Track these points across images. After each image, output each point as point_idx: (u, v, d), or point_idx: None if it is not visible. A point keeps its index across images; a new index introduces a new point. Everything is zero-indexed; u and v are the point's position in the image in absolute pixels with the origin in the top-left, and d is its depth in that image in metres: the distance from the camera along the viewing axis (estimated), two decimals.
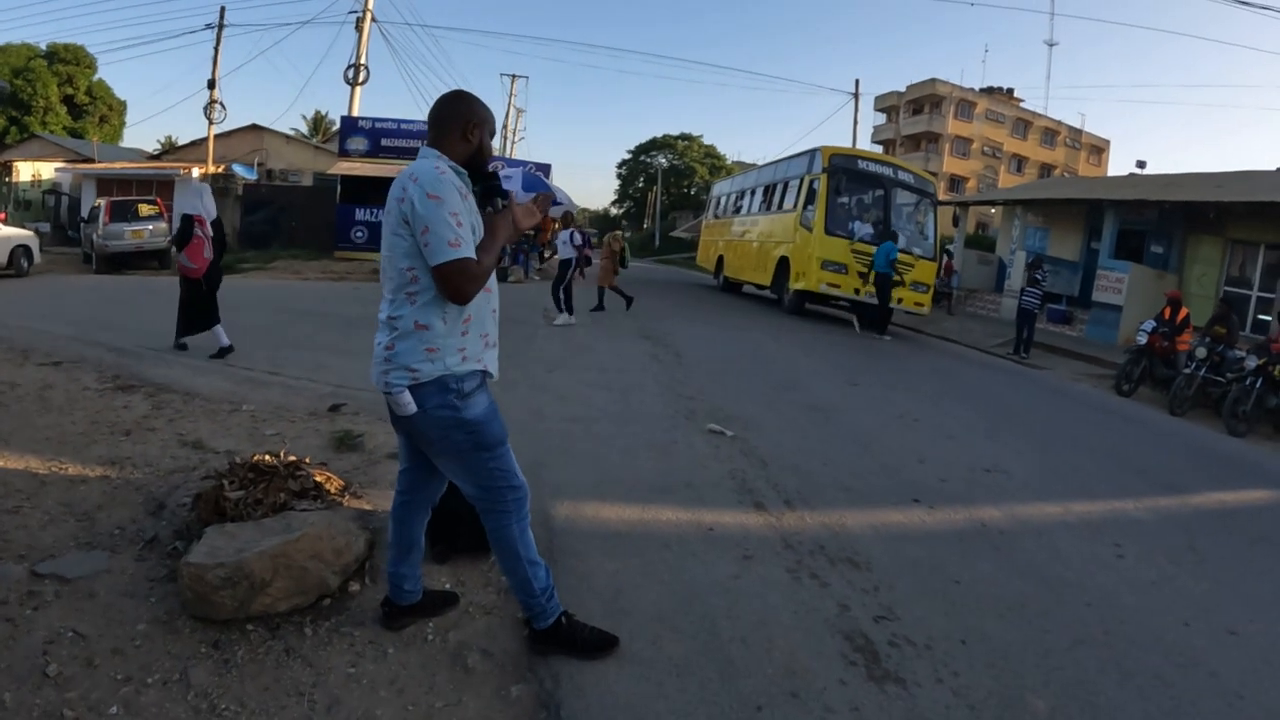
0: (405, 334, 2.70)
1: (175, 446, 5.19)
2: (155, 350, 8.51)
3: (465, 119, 2.84)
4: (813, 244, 16.32)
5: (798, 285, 16.96)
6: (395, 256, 2.70)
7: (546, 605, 3.05)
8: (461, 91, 2.97)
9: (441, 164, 2.72)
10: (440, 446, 2.84)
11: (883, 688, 3.16)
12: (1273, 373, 10.92)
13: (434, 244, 2.59)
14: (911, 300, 16.61)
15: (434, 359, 2.71)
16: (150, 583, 3.35)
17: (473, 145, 2.85)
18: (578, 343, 11.04)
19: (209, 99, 28.55)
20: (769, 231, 19.81)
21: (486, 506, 2.93)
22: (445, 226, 2.59)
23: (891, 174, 17.34)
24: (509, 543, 2.95)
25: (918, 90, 60.36)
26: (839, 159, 17.07)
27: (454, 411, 2.75)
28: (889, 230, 16.30)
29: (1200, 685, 3.53)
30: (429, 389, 2.71)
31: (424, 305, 2.70)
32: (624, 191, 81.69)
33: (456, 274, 2.61)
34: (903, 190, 17.42)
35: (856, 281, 16.08)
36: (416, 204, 2.61)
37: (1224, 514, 6.57)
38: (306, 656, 2.94)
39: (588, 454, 5.82)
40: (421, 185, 2.62)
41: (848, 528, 4.84)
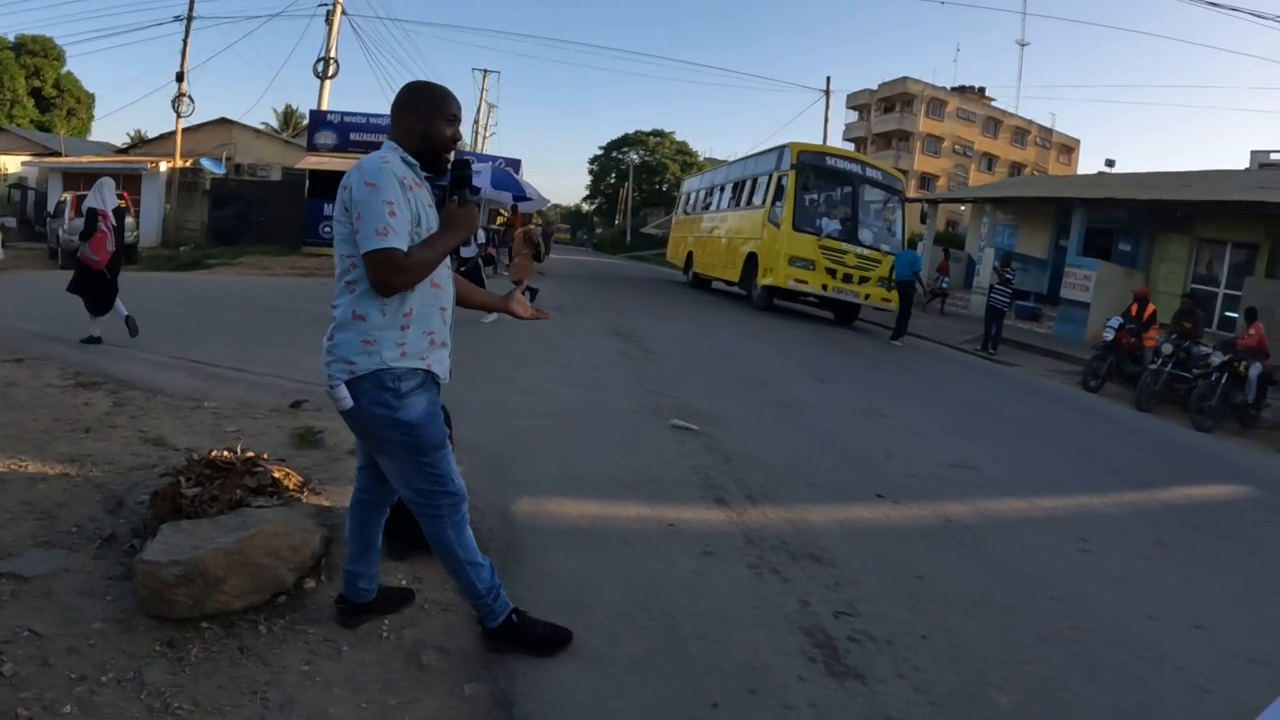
0: (344, 324, 2.67)
1: (136, 444, 5.12)
2: (119, 346, 8.42)
3: (415, 107, 2.80)
4: (781, 240, 16.32)
5: (766, 281, 16.96)
6: (338, 243, 2.68)
7: (494, 605, 3.00)
8: (415, 81, 2.93)
9: (389, 154, 2.69)
10: (376, 444, 2.81)
11: (842, 684, 3.15)
12: (1238, 368, 11.08)
13: (364, 231, 2.55)
14: (879, 296, 16.63)
15: (370, 351, 2.66)
16: (108, 581, 3.30)
17: (424, 129, 2.78)
18: (546, 339, 11.00)
19: (177, 92, 28.19)
20: (738, 228, 19.84)
21: (421, 510, 2.88)
22: (377, 215, 2.54)
23: (859, 171, 17.43)
24: (447, 546, 2.90)
25: (889, 88, 60.69)
26: (807, 156, 17.13)
27: (389, 410, 2.69)
28: (856, 225, 16.64)
29: (1166, 680, 3.56)
30: (365, 384, 2.66)
31: (362, 295, 2.66)
32: (596, 188, 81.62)
33: (380, 263, 2.55)
34: (870, 187, 17.51)
35: (824, 277, 16.07)
36: (354, 190, 2.58)
37: (1190, 509, 6.65)
38: (261, 655, 2.90)
39: (553, 450, 5.80)
40: (362, 173, 2.59)
41: (811, 523, 4.84)
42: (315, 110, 26.88)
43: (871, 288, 16.50)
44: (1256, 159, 31.66)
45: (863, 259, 16.40)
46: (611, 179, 77.56)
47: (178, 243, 27.67)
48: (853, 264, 16.25)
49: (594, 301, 15.65)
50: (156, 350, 8.35)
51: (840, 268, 16.12)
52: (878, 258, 16.50)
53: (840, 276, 16.14)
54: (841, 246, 16.14)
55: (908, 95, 59.35)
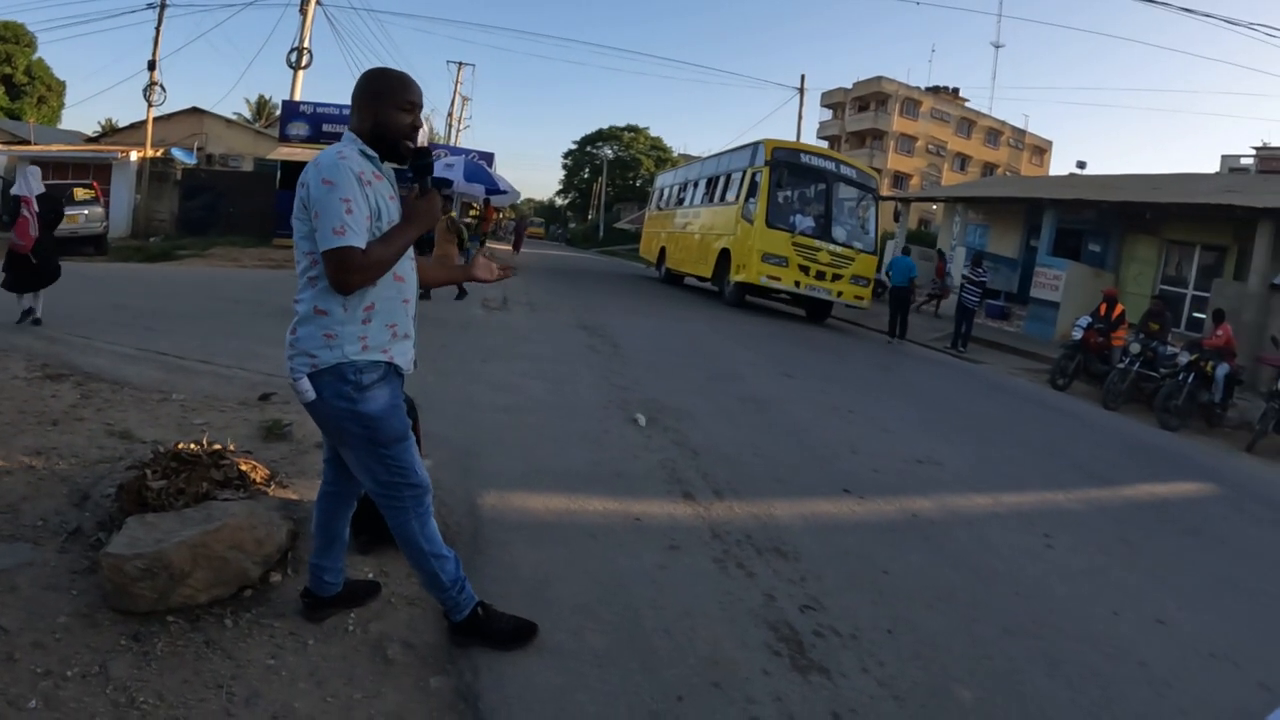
0: (306, 319, 2.66)
1: (103, 436, 5.07)
2: (85, 338, 8.32)
3: (370, 96, 2.75)
4: (754, 236, 16.28)
5: (738, 277, 16.90)
6: (298, 240, 2.66)
7: (458, 598, 3.00)
8: (371, 69, 2.87)
9: (346, 148, 2.67)
10: (338, 437, 2.80)
11: (807, 678, 3.18)
12: (1204, 368, 11.23)
13: (321, 229, 2.54)
14: (852, 294, 16.69)
15: (332, 345, 2.65)
16: (72, 575, 3.28)
17: (384, 125, 2.74)
18: (515, 333, 10.99)
19: (149, 81, 27.91)
20: (711, 224, 19.78)
21: (384, 503, 2.87)
22: (333, 213, 2.53)
23: (834, 168, 17.36)
24: (411, 538, 2.89)
25: (864, 88, 60.96)
26: (781, 152, 17.10)
27: (349, 403, 2.68)
28: (829, 223, 16.63)
29: (1129, 675, 3.61)
30: (326, 377, 2.66)
31: (323, 290, 2.64)
32: (569, 182, 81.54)
33: (337, 263, 2.54)
34: (845, 185, 17.47)
35: (797, 274, 16.05)
36: (312, 188, 2.57)
37: (1155, 506, 6.74)
38: (226, 649, 2.90)
39: (519, 443, 5.78)
40: (319, 169, 2.57)
41: (777, 518, 4.87)
42: (288, 101, 26.57)
43: (845, 285, 16.52)
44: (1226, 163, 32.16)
45: (836, 257, 16.35)
46: (585, 174, 77.54)
47: (147, 233, 27.34)
48: (826, 261, 16.18)
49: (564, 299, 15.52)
50: (124, 342, 8.25)
51: (814, 265, 16.08)
52: (851, 255, 16.51)
53: (813, 274, 16.11)
54: (815, 244, 16.12)
55: (882, 94, 59.61)
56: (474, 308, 13.18)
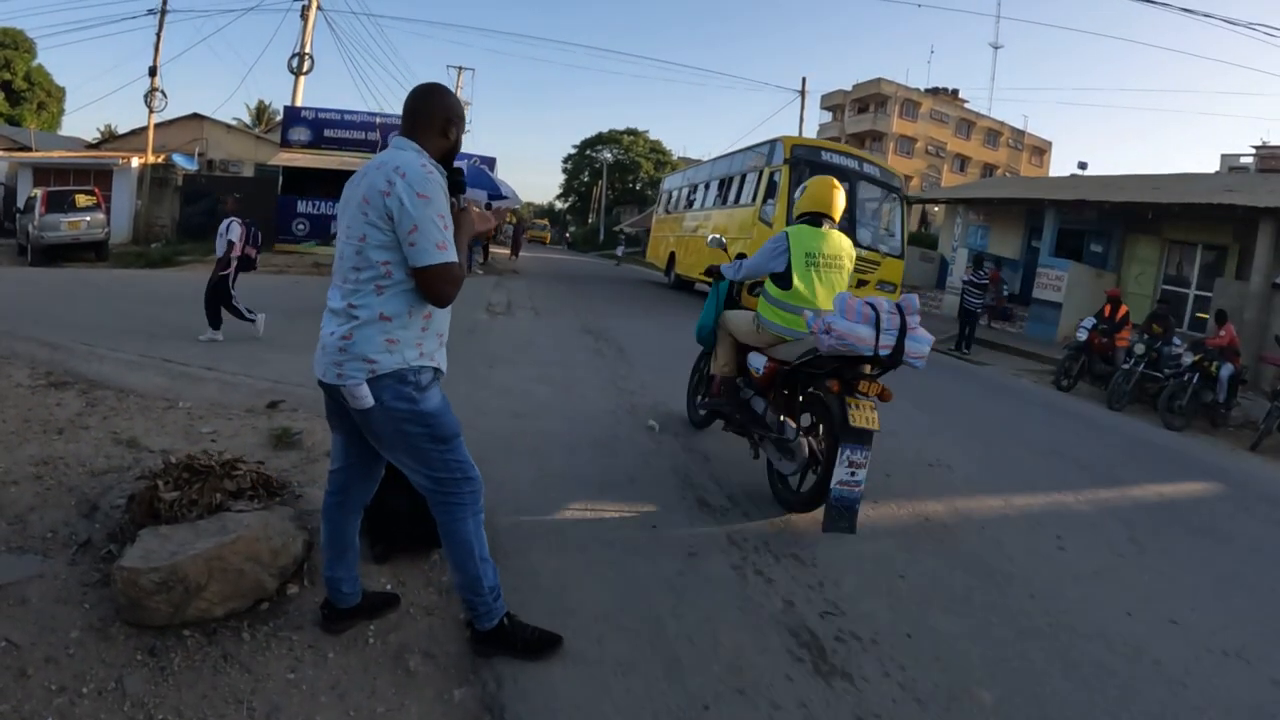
0: (367, 323, 2.66)
1: (109, 445, 5.03)
2: (89, 345, 8.29)
3: (446, 114, 2.81)
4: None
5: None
6: (370, 249, 2.64)
7: (493, 605, 3.00)
8: (440, 85, 2.91)
9: (425, 161, 2.68)
10: (394, 440, 2.79)
11: (830, 683, 3.17)
12: (1208, 368, 11.22)
13: (422, 244, 2.57)
14: None
15: (393, 350, 2.67)
16: (84, 588, 3.25)
17: (450, 142, 2.83)
18: (520, 338, 10.96)
19: (150, 86, 27.96)
20: (724, 227, 18.17)
21: (441, 500, 2.88)
22: (434, 228, 2.57)
23: (856, 167, 16.17)
24: (463, 537, 2.90)
25: (864, 89, 60.95)
26: (801, 150, 15.90)
27: (410, 404, 2.72)
28: (853, 225, 15.20)
29: (1144, 674, 3.61)
30: (386, 381, 2.67)
31: (391, 297, 2.66)
32: (569, 186, 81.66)
33: (441, 277, 2.61)
34: (868, 184, 16.34)
35: None
36: (406, 201, 2.56)
37: (1163, 506, 6.71)
38: (244, 662, 2.87)
39: (530, 450, 5.75)
40: (410, 183, 2.58)
41: (792, 524, 4.85)
42: (290, 106, 26.57)
43: (870, 291, 14.17)
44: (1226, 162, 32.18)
45: (860, 261, 14.92)
46: (585, 177, 77.62)
47: (148, 239, 27.38)
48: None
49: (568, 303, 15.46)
50: (127, 349, 8.23)
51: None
52: (877, 259, 15.50)
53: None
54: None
55: (881, 96, 59.63)
56: (478, 313, 13.15)
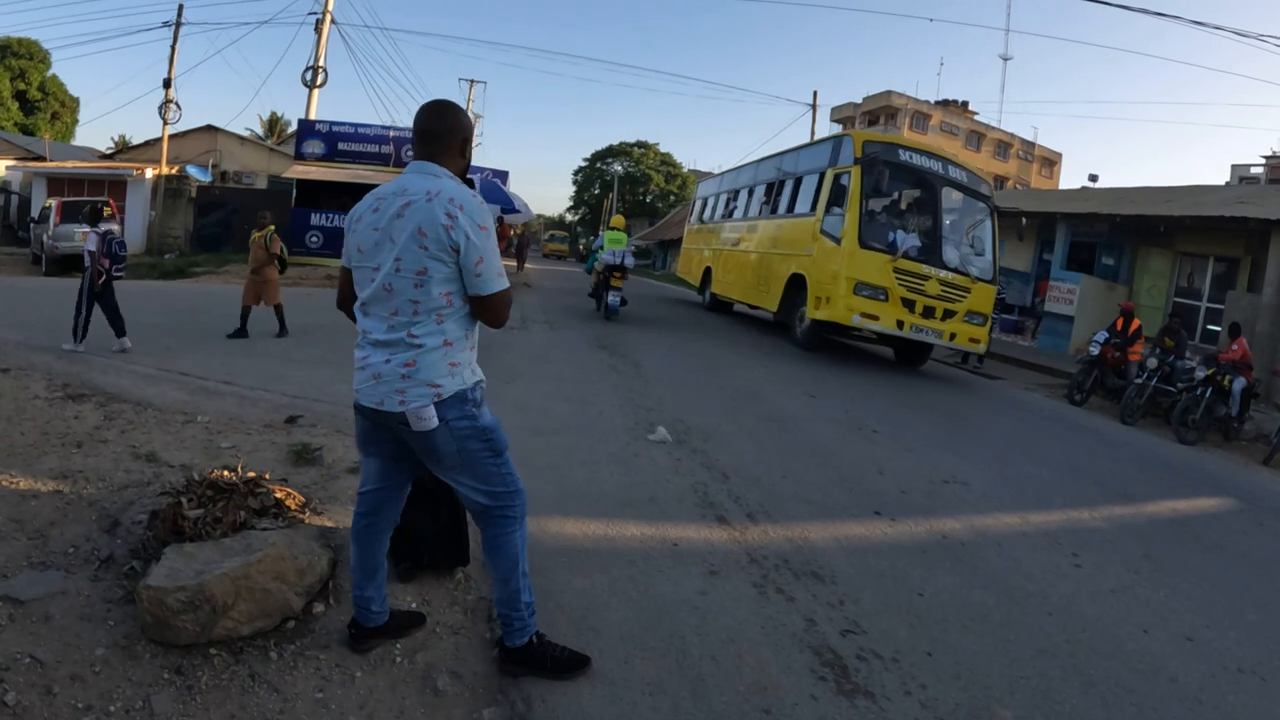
0: (432, 350, 2.71)
1: (129, 459, 5.06)
2: (105, 357, 8.34)
3: (464, 134, 2.87)
4: (841, 260, 12.24)
5: (820, 314, 12.73)
6: (430, 282, 2.66)
7: (528, 620, 3.04)
8: (451, 103, 2.94)
9: (468, 189, 2.75)
10: (456, 459, 2.83)
11: (853, 702, 3.18)
12: (1221, 382, 11.19)
13: (487, 275, 2.68)
14: (966, 336, 12.72)
15: (455, 373, 2.75)
16: (108, 605, 3.26)
17: (466, 161, 2.90)
18: (535, 353, 10.98)
19: (164, 98, 28.11)
20: (775, 240, 15.57)
21: (498, 514, 2.94)
22: (496, 258, 2.70)
23: (941, 170, 13.27)
24: (511, 550, 2.96)
25: (874, 102, 60.98)
26: (875, 148, 12.84)
27: (472, 421, 2.80)
28: (939, 242, 12.65)
29: (1161, 691, 3.62)
30: (450, 402, 2.74)
31: (452, 324, 2.74)
32: (580, 198, 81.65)
33: (504, 303, 2.75)
34: (955, 192, 13.44)
35: (899, 311, 12.10)
36: (472, 235, 2.64)
37: (1178, 522, 6.70)
38: (272, 682, 2.88)
39: (549, 467, 5.77)
40: (471, 216, 2.65)
41: (811, 541, 4.86)
42: (304, 119, 26.65)
43: (957, 324, 12.57)
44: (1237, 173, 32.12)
45: (948, 287, 12.41)
46: (596, 190, 77.65)
47: (162, 250, 27.55)
48: (935, 293, 12.28)
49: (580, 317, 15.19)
50: (144, 362, 8.28)
51: (920, 298, 12.23)
52: (967, 284, 12.58)
53: (920, 310, 12.26)
54: (922, 270, 12.20)
55: (892, 108, 59.65)
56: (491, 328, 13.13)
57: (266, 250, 11.29)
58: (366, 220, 2.77)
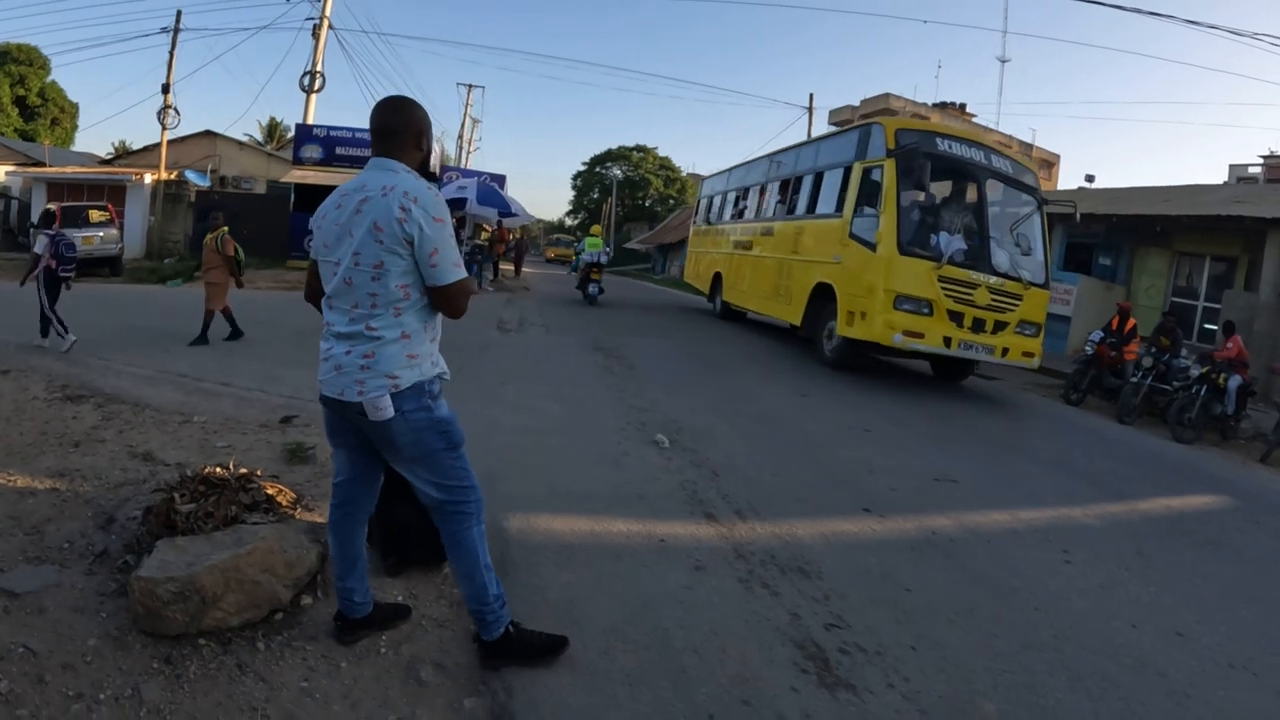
0: (391, 342, 2.75)
1: (125, 458, 5.12)
2: (104, 359, 8.39)
3: (418, 127, 2.88)
4: (879, 269, 10.54)
5: (853, 332, 11.00)
6: (387, 275, 2.71)
7: (500, 612, 3.06)
8: (405, 98, 2.97)
9: (424, 182, 2.78)
10: (412, 450, 2.86)
11: (834, 694, 3.20)
12: (1216, 381, 11.19)
13: (443, 265, 2.70)
14: (1019, 349, 11.10)
15: (413, 365, 2.78)
16: (100, 597, 3.31)
17: (423, 153, 2.91)
18: (531, 355, 11.01)
19: (163, 104, 28.15)
20: (794, 245, 13.76)
21: (452, 509, 2.95)
22: (451, 248, 2.72)
23: (984, 160, 11.48)
24: (469, 546, 2.97)
25: (871, 104, 60.56)
26: (910, 137, 11.07)
27: (429, 413, 2.82)
28: (986, 244, 10.98)
29: (1149, 686, 3.63)
30: (407, 394, 2.77)
31: (410, 316, 2.78)
32: (579, 203, 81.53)
33: (461, 293, 2.76)
34: (999, 184, 11.77)
35: (946, 326, 10.43)
36: (425, 227, 2.67)
37: (1170, 519, 6.70)
38: (259, 672, 2.92)
39: (540, 465, 5.81)
40: (425, 208, 2.68)
41: (799, 537, 4.89)
42: (301, 124, 26.72)
43: (1009, 337, 10.95)
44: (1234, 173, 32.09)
45: (999, 295, 10.77)
46: (594, 194, 77.55)
47: (161, 255, 27.59)
48: (985, 303, 10.63)
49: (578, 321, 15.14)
50: (142, 364, 8.33)
51: (968, 310, 10.53)
52: (1018, 290, 10.93)
53: (969, 323, 10.58)
54: (970, 277, 10.52)
55: (889, 111, 59.22)
56: (490, 330, 13.21)
57: (219, 252, 11.06)
58: (330, 216, 2.83)
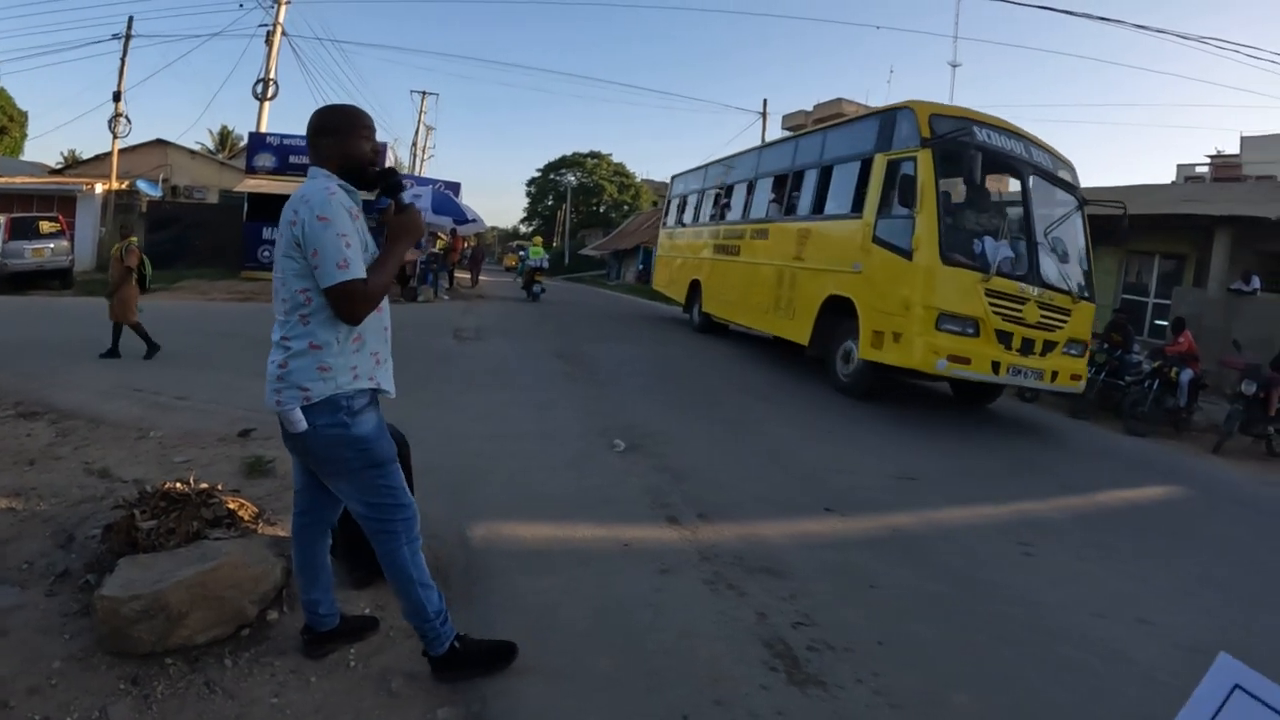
0: (299, 353, 2.70)
1: (82, 475, 5.04)
2: (58, 374, 8.25)
3: (333, 130, 2.83)
4: (916, 280, 8.83)
5: (882, 356, 9.27)
6: (288, 279, 2.69)
7: (441, 629, 2.99)
8: (327, 106, 2.95)
9: (331, 184, 2.72)
10: (330, 466, 2.83)
11: (805, 691, 3.23)
12: (1168, 375, 11.39)
13: (324, 266, 2.60)
14: (1067, 372, 9.52)
15: (326, 378, 2.70)
16: (64, 618, 3.26)
17: (349, 150, 2.82)
18: (492, 363, 10.97)
19: (114, 112, 27.69)
20: (798, 249, 11.76)
21: (377, 527, 2.89)
22: (334, 249, 2.59)
23: (1025, 152, 9.73)
24: (400, 565, 2.91)
25: (825, 109, 60.74)
26: (946, 124, 9.23)
27: (343, 429, 2.74)
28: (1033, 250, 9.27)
29: (1118, 672, 3.71)
30: (320, 407, 2.70)
31: (317, 325, 2.70)
32: (533, 209, 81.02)
33: (345, 296, 2.62)
34: (1043, 181, 9.97)
35: (994, 349, 8.79)
36: (307, 226, 2.61)
37: (1129, 510, 6.85)
38: (228, 689, 2.89)
39: (505, 472, 5.82)
40: (311, 207, 2.62)
41: (764, 538, 4.93)
42: (254, 133, 26.43)
43: (1057, 359, 9.39)
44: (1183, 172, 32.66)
45: (1048, 310, 9.19)
46: (549, 201, 77.21)
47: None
48: (1034, 320, 9.06)
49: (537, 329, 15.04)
50: (98, 378, 8.20)
51: (1018, 329, 8.93)
52: (1066, 304, 9.38)
53: (1017, 344, 8.95)
54: (1019, 290, 8.92)
55: (842, 115, 59.76)
56: (447, 339, 13.13)
57: (121, 262, 10.41)
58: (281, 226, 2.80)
